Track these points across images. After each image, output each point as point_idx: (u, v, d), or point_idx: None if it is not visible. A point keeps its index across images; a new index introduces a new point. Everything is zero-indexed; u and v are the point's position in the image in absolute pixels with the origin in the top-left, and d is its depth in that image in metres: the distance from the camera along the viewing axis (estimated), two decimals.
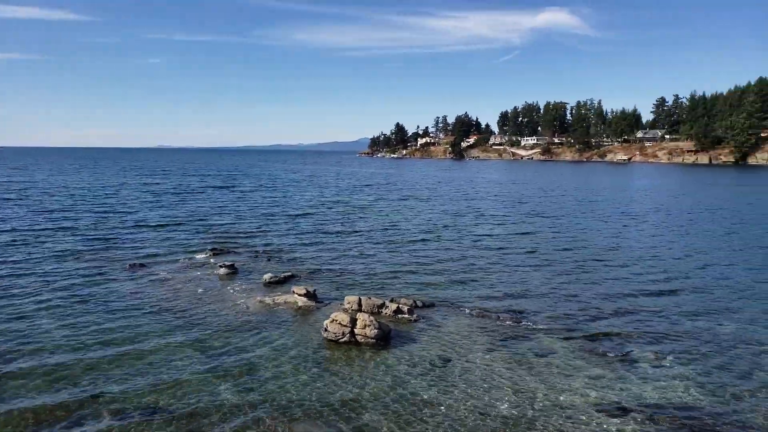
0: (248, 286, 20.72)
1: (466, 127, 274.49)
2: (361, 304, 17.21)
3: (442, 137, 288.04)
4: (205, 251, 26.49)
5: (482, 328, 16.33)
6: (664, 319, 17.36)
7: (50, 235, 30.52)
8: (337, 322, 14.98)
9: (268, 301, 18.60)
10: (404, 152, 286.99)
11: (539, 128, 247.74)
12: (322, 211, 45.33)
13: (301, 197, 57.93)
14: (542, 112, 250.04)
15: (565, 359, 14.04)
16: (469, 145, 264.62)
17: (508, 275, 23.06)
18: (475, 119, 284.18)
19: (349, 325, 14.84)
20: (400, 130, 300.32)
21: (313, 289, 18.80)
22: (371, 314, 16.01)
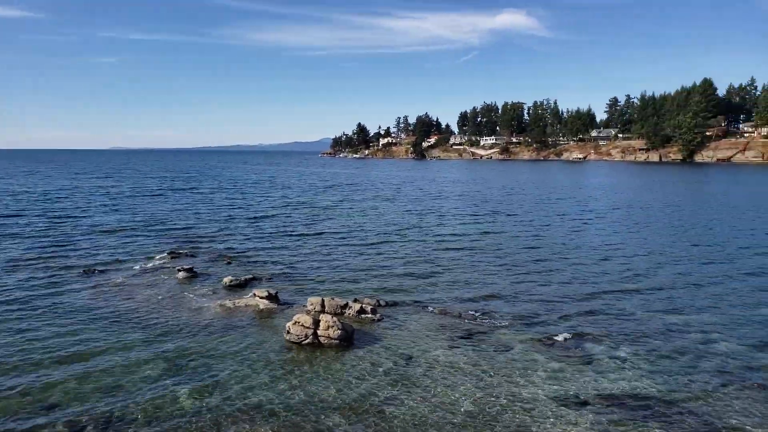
0: (208, 289, 20.35)
1: (426, 127, 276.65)
2: (324, 305, 17.15)
3: (403, 137, 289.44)
4: (163, 255, 25.87)
5: (445, 325, 16.52)
6: (620, 313, 17.96)
7: None
8: (299, 324, 14.89)
9: (228, 304, 18.31)
10: (366, 152, 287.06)
11: (498, 128, 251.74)
12: (285, 212, 44.88)
13: (263, 199, 57.21)
14: (500, 112, 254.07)
15: (525, 354, 14.35)
16: (430, 145, 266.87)
17: (470, 273, 23.39)
18: (435, 119, 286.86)
19: (311, 326, 14.77)
20: (362, 130, 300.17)
21: (274, 291, 18.62)
22: (334, 315, 15.97)
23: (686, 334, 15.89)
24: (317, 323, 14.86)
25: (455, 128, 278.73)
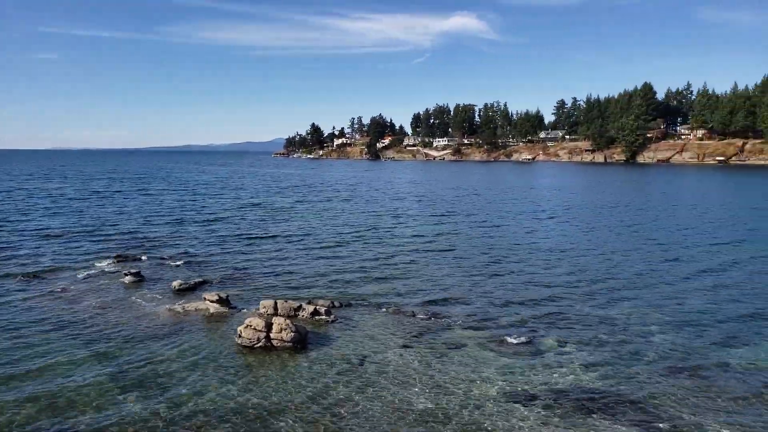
0: (156, 294, 19.77)
1: (381, 128, 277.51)
2: (277, 307, 16.97)
3: (358, 138, 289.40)
4: (109, 259, 24.95)
5: (398, 325, 16.65)
6: (568, 309, 18.57)
7: None
8: (251, 327, 14.68)
9: (177, 309, 17.85)
10: (321, 153, 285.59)
11: (450, 129, 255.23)
12: (238, 214, 44.06)
13: (214, 201, 55.97)
14: (452, 114, 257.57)
15: (477, 352, 14.64)
16: (384, 145, 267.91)
17: (424, 273, 23.64)
18: (389, 120, 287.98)
19: (264, 330, 14.59)
20: (315, 130, 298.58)
21: (225, 294, 18.28)
22: (288, 317, 15.83)
23: (630, 328, 16.58)
24: (270, 326, 14.69)
25: (409, 129, 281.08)
